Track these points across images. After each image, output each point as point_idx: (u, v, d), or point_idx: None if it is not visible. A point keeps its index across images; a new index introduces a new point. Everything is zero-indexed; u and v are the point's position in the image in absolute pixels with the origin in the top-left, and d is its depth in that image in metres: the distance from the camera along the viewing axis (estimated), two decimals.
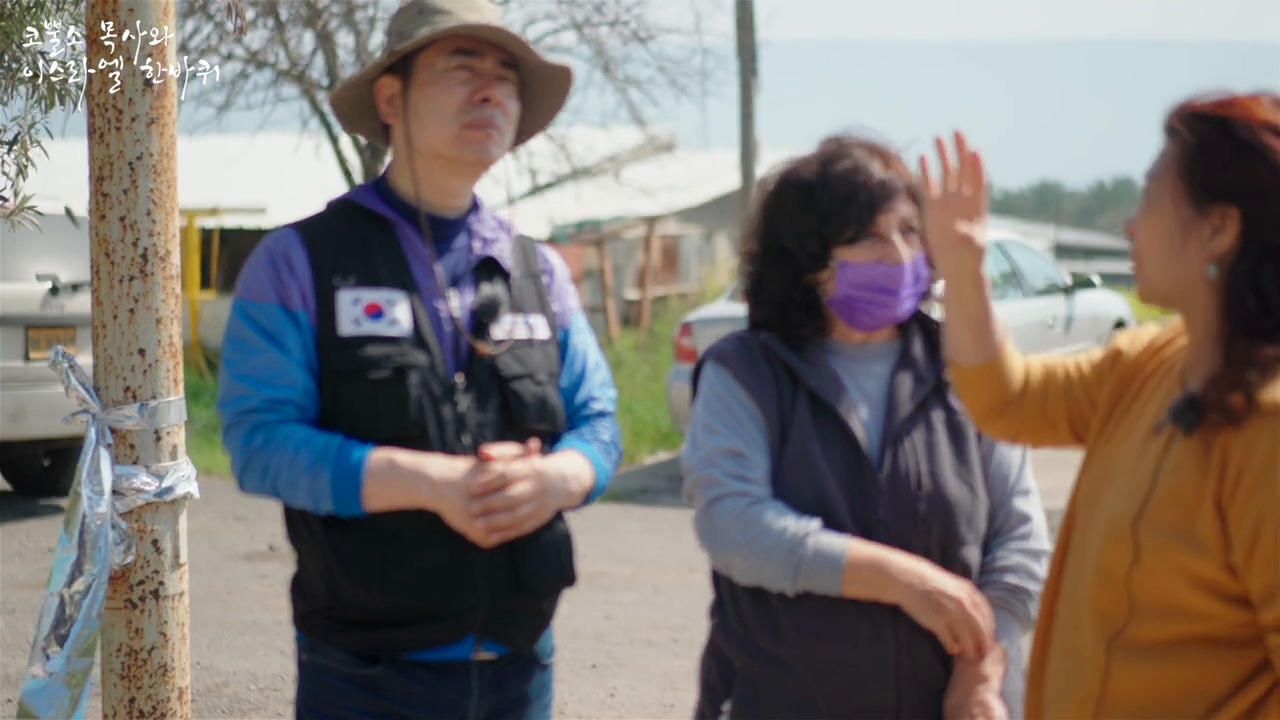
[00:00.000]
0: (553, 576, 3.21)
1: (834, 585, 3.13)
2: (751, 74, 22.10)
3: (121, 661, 3.52)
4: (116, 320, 3.48)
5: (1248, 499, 2.44)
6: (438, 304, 3.17)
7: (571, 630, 8.18)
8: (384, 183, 3.28)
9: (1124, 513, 2.58)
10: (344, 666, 3.14)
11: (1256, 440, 2.44)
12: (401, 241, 3.20)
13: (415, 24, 3.18)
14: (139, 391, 3.48)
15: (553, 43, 18.20)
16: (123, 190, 3.47)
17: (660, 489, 13.24)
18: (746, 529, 3.16)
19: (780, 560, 3.13)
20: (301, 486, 3.06)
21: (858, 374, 3.31)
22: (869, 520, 3.19)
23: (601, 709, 7.07)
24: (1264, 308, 2.50)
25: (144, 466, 3.48)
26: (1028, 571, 3.25)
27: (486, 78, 3.16)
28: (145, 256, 3.48)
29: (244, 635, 8.15)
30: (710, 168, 29.12)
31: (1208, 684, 2.50)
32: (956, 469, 3.26)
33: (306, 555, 3.19)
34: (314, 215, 3.27)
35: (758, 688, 3.24)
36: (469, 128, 3.15)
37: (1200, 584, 2.49)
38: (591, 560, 9.72)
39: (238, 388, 3.13)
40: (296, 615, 3.24)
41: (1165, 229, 2.57)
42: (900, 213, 3.24)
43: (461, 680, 3.14)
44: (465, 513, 3.06)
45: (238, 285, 3.19)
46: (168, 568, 3.54)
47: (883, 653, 3.17)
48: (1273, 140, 2.50)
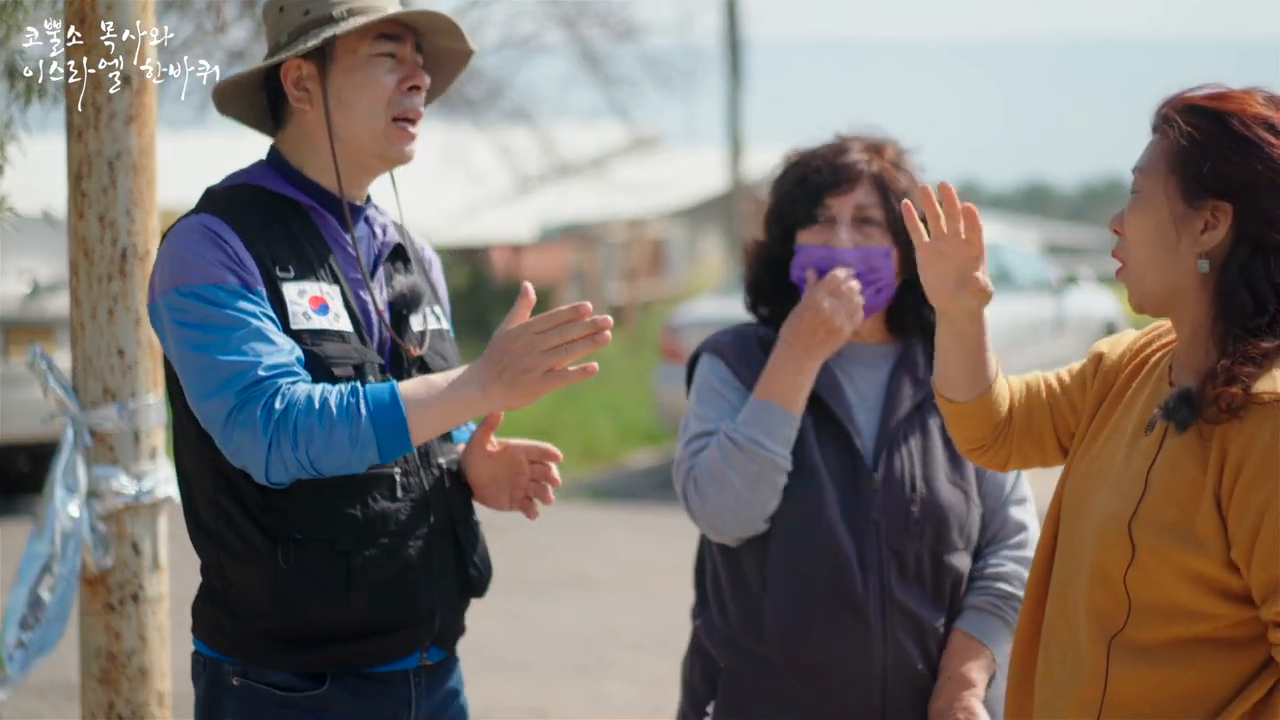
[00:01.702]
0: (487, 576, 3.13)
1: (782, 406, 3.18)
2: (738, 72, 22.10)
3: (100, 666, 3.49)
4: (95, 320, 3.44)
5: (1248, 492, 2.43)
6: (364, 296, 3.00)
7: (558, 633, 8.15)
8: (283, 164, 3.03)
9: (1117, 512, 2.55)
10: (285, 690, 2.93)
11: (1257, 432, 2.43)
12: (322, 230, 3.00)
13: (325, 2, 2.96)
14: (118, 392, 3.44)
15: (538, 42, 18.18)
16: (101, 189, 3.43)
17: (644, 491, 13.21)
18: (707, 456, 3.21)
19: (728, 453, 3.17)
20: (340, 442, 2.76)
21: (856, 375, 3.30)
22: (862, 521, 3.19)
23: (587, 712, 7.04)
24: (1258, 304, 2.49)
25: (123, 468, 3.45)
26: (1021, 580, 3.22)
27: (410, 63, 3.00)
28: (124, 256, 3.44)
29: None
30: (696, 166, 29.13)
31: (1210, 686, 2.48)
32: (950, 474, 3.25)
33: (237, 572, 2.92)
34: (217, 200, 2.98)
35: (742, 687, 3.23)
36: (398, 121, 2.98)
37: (1200, 582, 2.47)
38: (576, 562, 9.70)
39: (231, 365, 2.78)
40: (220, 639, 2.96)
41: (1156, 224, 2.55)
42: (856, 199, 3.22)
43: (403, 689, 3.01)
44: (533, 351, 2.76)
45: (171, 272, 2.86)
46: (147, 571, 3.50)
47: (868, 653, 3.16)
48: (1267, 135, 2.49)
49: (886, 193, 3.22)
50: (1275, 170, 2.48)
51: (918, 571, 3.19)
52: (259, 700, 2.92)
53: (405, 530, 2.96)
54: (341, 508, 2.90)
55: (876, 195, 3.22)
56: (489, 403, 2.81)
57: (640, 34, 18.62)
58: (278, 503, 2.87)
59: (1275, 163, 2.48)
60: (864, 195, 3.23)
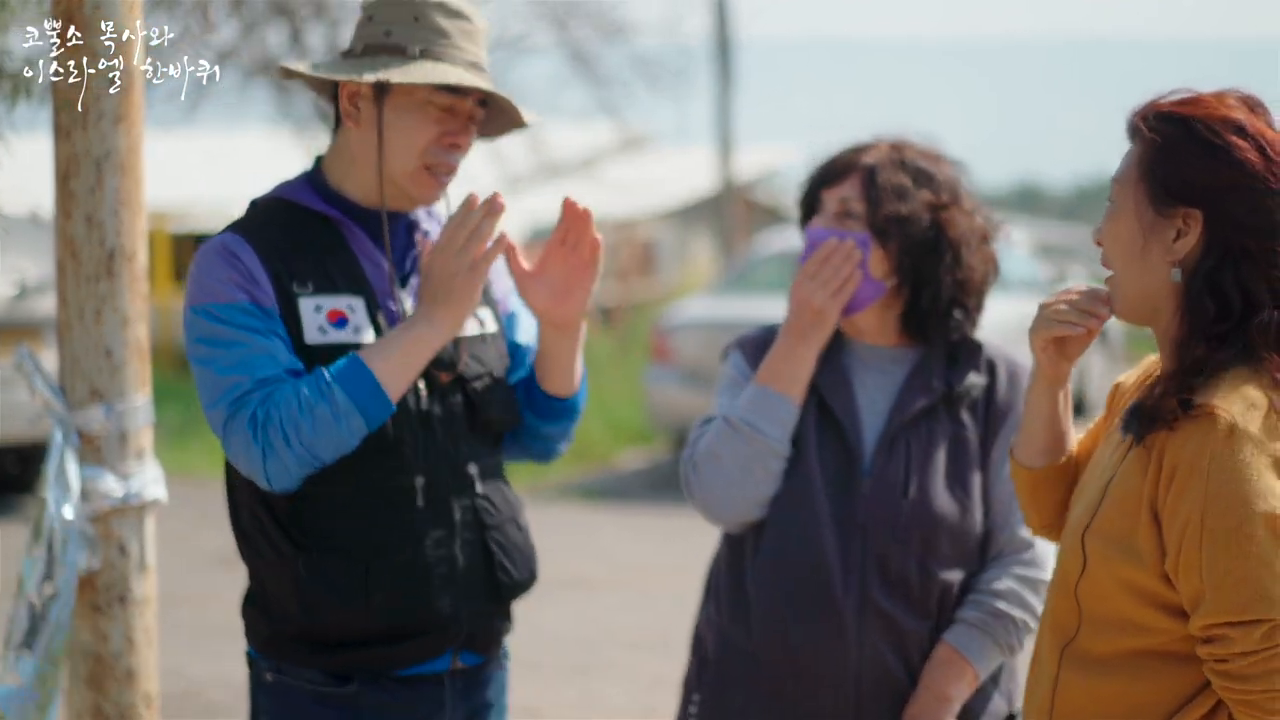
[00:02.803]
0: (525, 579, 3.18)
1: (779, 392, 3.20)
2: (728, 72, 22.10)
3: (88, 668, 3.47)
4: (82, 320, 3.43)
5: (1176, 504, 2.42)
6: (392, 306, 3.08)
7: (552, 633, 8.14)
8: (319, 178, 3.13)
9: (1078, 522, 2.58)
10: (316, 686, 3.05)
11: (1186, 443, 2.42)
12: (350, 242, 3.08)
13: (408, 32, 3.03)
14: (106, 393, 3.42)
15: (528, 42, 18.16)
16: (89, 189, 3.41)
17: (635, 492, 13.20)
18: (704, 445, 3.24)
19: (722, 434, 3.20)
20: (323, 420, 2.89)
21: (869, 377, 3.29)
22: (847, 522, 3.19)
23: (581, 713, 7.04)
24: (1221, 311, 2.46)
25: (110, 469, 3.43)
26: (1019, 599, 3.19)
27: (462, 120, 3.07)
28: (112, 256, 3.43)
29: (217, 640, 8.08)
30: (686, 165, 29.11)
31: (1157, 699, 2.48)
32: (950, 485, 3.22)
33: (270, 576, 3.06)
34: (249, 217, 3.11)
35: (725, 680, 3.26)
36: (428, 170, 3.05)
37: (1141, 595, 2.47)
38: (569, 563, 9.68)
39: (228, 379, 2.94)
40: (257, 638, 3.12)
41: (1129, 234, 2.53)
42: (842, 192, 3.26)
43: (436, 692, 3.10)
44: (456, 249, 2.98)
45: (192, 291, 3.02)
46: (134, 572, 3.49)
47: (843, 655, 3.16)
48: (1235, 139, 2.46)
49: (872, 186, 3.22)
50: (1243, 174, 2.45)
51: (902, 578, 3.18)
52: (293, 696, 3.06)
53: (426, 540, 3.03)
54: (362, 516, 3.01)
55: (860, 188, 3.23)
56: (435, 328, 2.97)
57: (630, 34, 18.60)
58: (303, 511, 3.00)
59: (1243, 166, 2.45)
60: (849, 188, 3.25)
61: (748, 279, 13.77)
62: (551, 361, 3.16)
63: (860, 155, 3.27)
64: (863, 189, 3.23)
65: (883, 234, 3.21)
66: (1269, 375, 2.43)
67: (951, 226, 3.22)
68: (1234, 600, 2.37)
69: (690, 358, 12.31)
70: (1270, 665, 2.36)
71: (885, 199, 3.20)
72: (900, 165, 3.24)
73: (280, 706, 3.08)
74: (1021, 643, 3.22)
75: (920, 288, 3.23)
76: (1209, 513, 2.39)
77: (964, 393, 3.25)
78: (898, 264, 3.23)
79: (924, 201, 3.22)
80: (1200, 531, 2.39)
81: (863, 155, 3.27)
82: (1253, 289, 2.45)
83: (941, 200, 3.23)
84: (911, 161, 3.25)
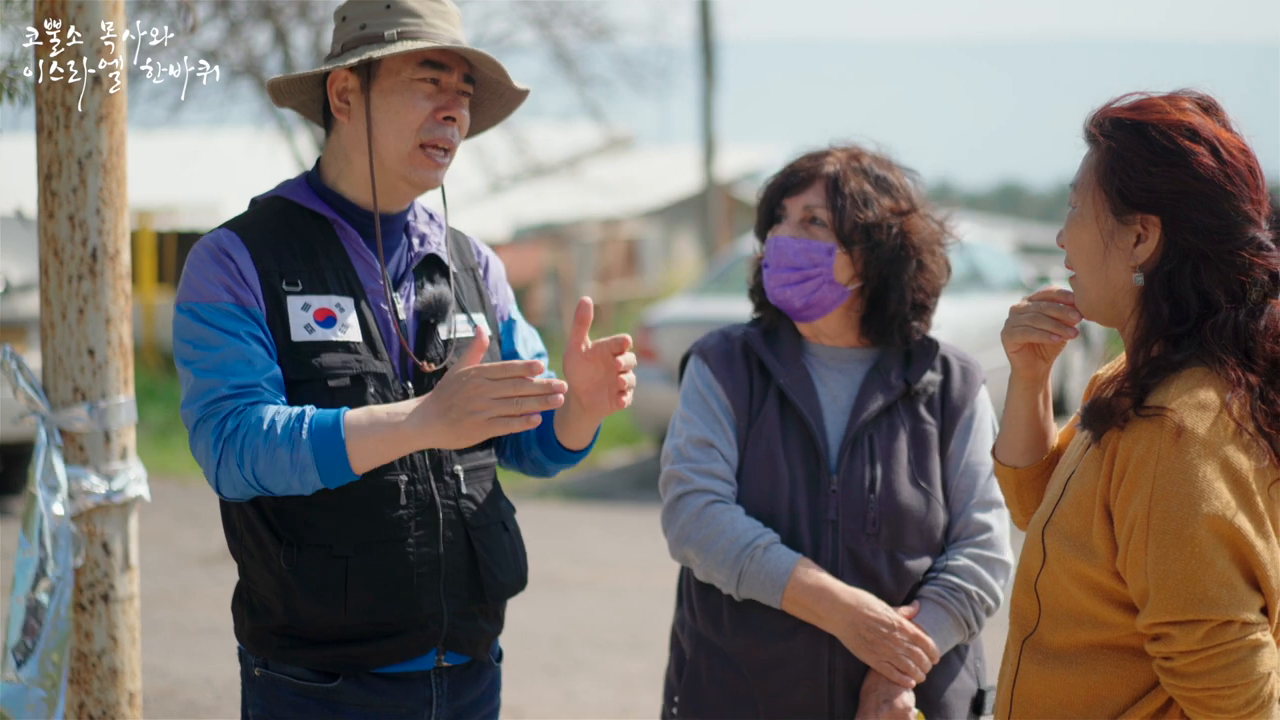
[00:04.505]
0: (511, 582, 3.18)
1: (774, 602, 3.21)
2: (711, 72, 22.12)
3: (71, 665, 3.48)
4: (65, 320, 3.44)
5: (1125, 503, 2.46)
6: (384, 307, 3.09)
7: (530, 633, 8.14)
8: (317, 178, 3.15)
9: (1040, 517, 2.62)
10: (301, 681, 3.06)
11: (1136, 443, 2.45)
12: (344, 242, 3.10)
13: (382, 20, 3.06)
14: (88, 392, 3.44)
15: (511, 41, 18.16)
16: (71, 188, 3.42)
17: (619, 491, 13.21)
18: (703, 528, 3.25)
19: (728, 566, 3.22)
20: (281, 463, 2.89)
21: (830, 377, 3.36)
22: (821, 521, 3.26)
23: (560, 712, 7.05)
24: (1177, 314, 2.49)
25: (94, 468, 3.44)
26: (973, 574, 3.27)
27: (451, 93, 3.08)
28: (95, 255, 3.44)
29: (198, 639, 8.09)
30: (670, 165, 29.12)
31: (1112, 691, 2.52)
32: (913, 477, 3.30)
33: (256, 572, 3.07)
34: (246, 215, 3.13)
35: (702, 679, 3.31)
36: (426, 148, 3.06)
37: (1096, 591, 2.51)
38: (550, 562, 9.69)
39: (204, 382, 2.96)
40: (243, 633, 3.12)
41: (1090, 239, 2.57)
42: (806, 200, 3.32)
43: (423, 689, 3.10)
44: (479, 393, 2.81)
45: (181, 289, 3.03)
46: (118, 571, 3.49)
47: (818, 651, 3.22)
48: (1189, 144, 2.48)
49: (836, 194, 3.28)
50: (1197, 178, 2.47)
51: (873, 571, 3.25)
52: (279, 691, 3.07)
53: (408, 537, 3.04)
54: (344, 514, 3.01)
55: (825, 196, 3.30)
56: (425, 439, 2.90)
57: (613, 34, 18.64)
58: (287, 508, 3.01)
59: (1197, 170, 2.47)
60: (813, 196, 3.32)
61: (731, 278, 13.77)
62: (571, 426, 3.14)
63: (821, 163, 3.34)
64: (827, 196, 3.30)
65: (849, 241, 3.27)
66: (1225, 376, 2.46)
67: (915, 232, 3.31)
68: (1176, 600, 2.40)
69: (674, 357, 12.32)
70: (1211, 664, 2.40)
71: (851, 206, 3.28)
72: (861, 173, 3.32)
73: (267, 701, 3.09)
74: (980, 619, 3.30)
75: (885, 293, 3.31)
76: (1154, 513, 2.42)
77: (922, 389, 3.34)
78: (863, 269, 3.30)
79: (887, 208, 3.30)
80: (1146, 531, 2.42)
81: (823, 163, 3.34)
82: (1209, 291, 2.48)
83: (902, 206, 3.32)
84: (870, 169, 3.33)
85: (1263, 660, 2.40)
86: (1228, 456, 2.42)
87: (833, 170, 3.31)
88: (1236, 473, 2.42)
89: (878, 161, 3.35)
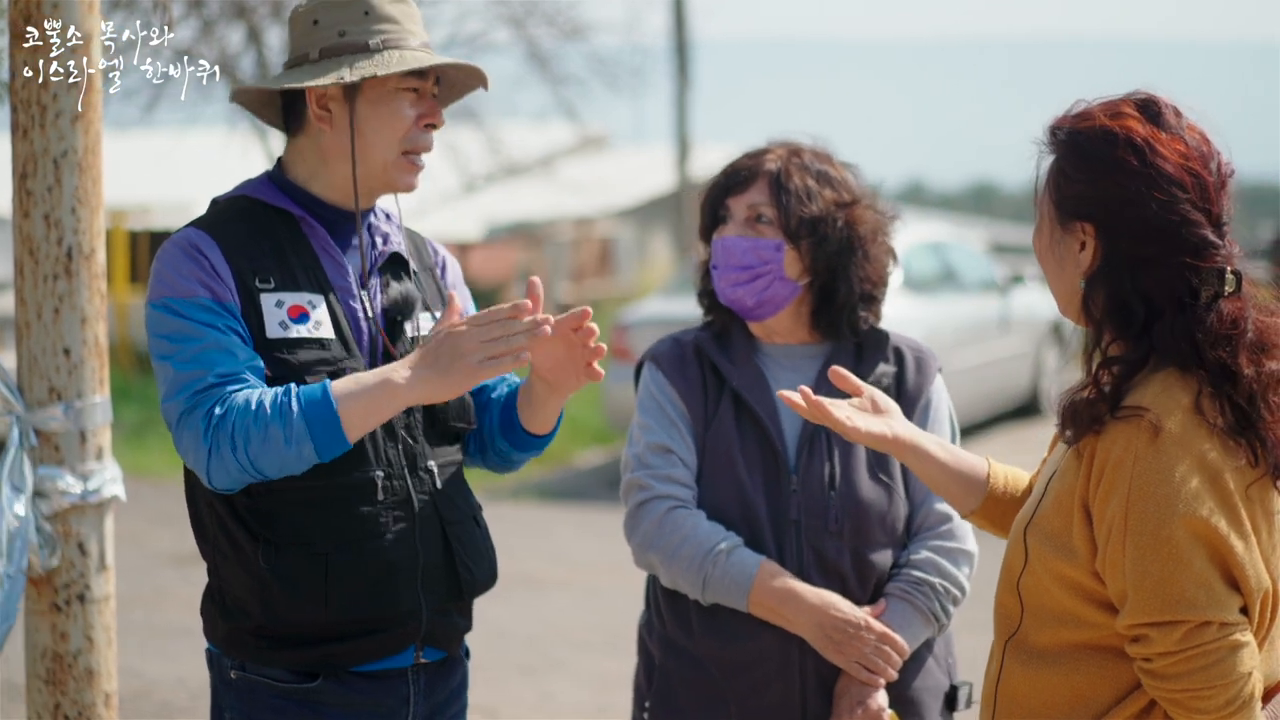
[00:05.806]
0: (485, 578, 3.19)
1: (739, 605, 3.21)
2: (686, 72, 22.13)
3: (47, 666, 3.47)
4: (41, 319, 3.43)
5: (1104, 504, 2.47)
6: (354, 304, 3.10)
7: (505, 633, 8.14)
8: (281, 175, 3.14)
9: (1022, 517, 2.63)
10: (281, 683, 3.05)
11: (1113, 445, 2.47)
12: (311, 240, 3.10)
13: (362, 28, 3.06)
14: (64, 392, 3.43)
15: (486, 40, 18.15)
16: (46, 187, 3.42)
17: (594, 490, 13.20)
18: (665, 535, 3.25)
19: (692, 573, 3.22)
20: (275, 440, 2.86)
21: (783, 375, 3.37)
22: (782, 520, 3.26)
23: (535, 712, 7.05)
24: (1121, 318, 2.51)
25: (69, 468, 3.43)
26: (936, 566, 3.28)
27: (429, 101, 3.10)
28: (70, 254, 3.43)
29: (172, 640, 8.07)
30: (644, 164, 29.12)
31: (1095, 691, 2.52)
32: (872, 471, 3.31)
33: (230, 573, 3.04)
34: (213, 214, 3.11)
35: (672, 683, 3.31)
36: (409, 155, 3.08)
37: (1077, 591, 2.52)
38: (524, 561, 9.69)
39: (187, 374, 2.92)
40: (217, 636, 3.10)
41: (1044, 248, 2.62)
42: (750, 199, 3.33)
43: (400, 687, 3.11)
44: (470, 343, 2.86)
45: (153, 285, 3.01)
46: (93, 571, 3.49)
47: (788, 651, 3.22)
48: (1119, 152, 2.49)
49: (781, 191, 3.29)
50: (1125, 185, 2.48)
51: (838, 568, 3.25)
52: (257, 693, 3.05)
53: (387, 534, 3.04)
54: (322, 512, 3.01)
55: (769, 194, 3.31)
56: (414, 389, 2.91)
57: (588, 33, 18.64)
58: (263, 506, 2.99)
59: (1125, 177, 2.48)
60: (757, 194, 3.33)
61: None
62: (536, 409, 3.17)
63: (761, 161, 3.35)
64: (772, 194, 3.31)
65: (796, 236, 3.29)
66: (1197, 378, 2.47)
67: (860, 223, 3.32)
68: (1154, 602, 2.41)
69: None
70: (1190, 665, 2.40)
71: (796, 202, 3.29)
72: (803, 168, 3.33)
73: (245, 704, 3.07)
74: (947, 610, 3.30)
75: (834, 285, 3.32)
76: (1131, 514, 2.43)
77: (875, 381, 3.33)
78: (811, 264, 3.31)
79: (830, 201, 3.31)
80: (1124, 532, 2.43)
81: (764, 161, 3.35)
82: (1152, 295, 2.49)
83: (845, 198, 3.33)
84: (810, 164, 3.35)
85: (1242, 660, 2.41)
86: (1204, 456, 2.42)
87: (774, 167, 3.32)
88: (1214, 473, 2.42)
89: (817, 156, 3.36)
